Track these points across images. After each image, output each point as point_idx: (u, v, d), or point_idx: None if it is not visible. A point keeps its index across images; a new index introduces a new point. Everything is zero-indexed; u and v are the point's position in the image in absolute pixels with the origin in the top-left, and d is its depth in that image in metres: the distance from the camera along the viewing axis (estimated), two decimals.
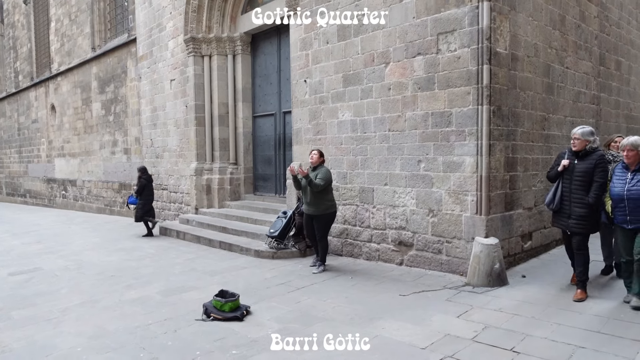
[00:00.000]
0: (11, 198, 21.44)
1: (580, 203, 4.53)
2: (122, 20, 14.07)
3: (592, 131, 4.57)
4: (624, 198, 4.16)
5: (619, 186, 4.22)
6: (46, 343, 4.10)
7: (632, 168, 4.18)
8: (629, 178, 4.19)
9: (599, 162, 4.48)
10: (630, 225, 4.20)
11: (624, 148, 4.17)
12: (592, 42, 7.52)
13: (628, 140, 4.17)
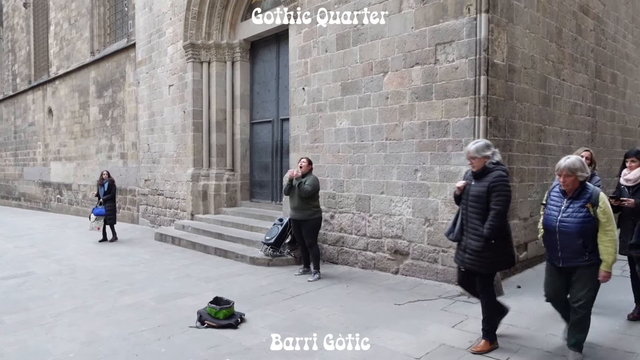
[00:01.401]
0: (5, 201, 21.31)
1: (475, 234, 3.64)
2: (121, 25, 14.11)
3: (487, 144, 3.71)
4: (556, 230, 3.36)
5: (552, 215, 3.41)
6: (38, 348, 4.06)
7: (570, 195, 3.35)
8: (564, 206, 3.36)
9: (493, 184, 3.57)
10: (561, 263, 3.39)
11: (559, 172, 3.30)
12: (589, 55, 7.60)
13: (565, 163, 3.29)
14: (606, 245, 3.25)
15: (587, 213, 3.26)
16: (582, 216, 3.27)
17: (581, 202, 3.29)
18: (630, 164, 4.28)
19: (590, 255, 3.28)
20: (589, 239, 3.27)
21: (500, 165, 3.70)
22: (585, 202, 3.28)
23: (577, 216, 3.28)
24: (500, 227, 3.56)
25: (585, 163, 3.32)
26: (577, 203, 3.31)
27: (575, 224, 3.28)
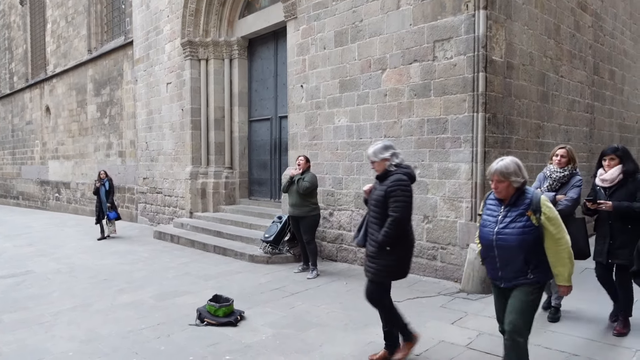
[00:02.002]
0: (3, 200, 21.26)
1: (372, 240, 3.45)
2: (119, 23, 14.05)
3: (385, 146, 3.46)
4: (493, 245, 2.82)
5: (489, 226, 2.86)
6: (37, 347, 4.06)
7: (507, 202, 2.83)
8: (501, 215, 2.82)
9: (390, 188, 3.33)
10: (503, 284, 2.86)
11: (490, 176, 2.82)
12: (587, 51, 7.60)
13: (496, 166, 2.79)
14: (559, 257, 2.69)
15: (527, 222, 2.72)
16: (522, 226, 2.73)
17: (520, 209, 2.76)
18: (609, 162, 3.92)
19: (534, 272, 2.74)
20: (531, 253, 2.73)
21: (402, 167, 3.45)
22: (524, 210, 2.75)
23: (515, 226, 2.74)
24: (395, 234, 3.32)
25: (521, 167, 2.79)
26: (516, 211, 2.77)
27: (514, 235, 2.73)
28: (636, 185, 3.79)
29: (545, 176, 4.31)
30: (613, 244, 3.88)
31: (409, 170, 3.49)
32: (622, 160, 3.86)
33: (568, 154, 4.24)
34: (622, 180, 3.84)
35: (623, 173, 3.83)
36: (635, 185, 3.79)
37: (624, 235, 3.81)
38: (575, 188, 4.15)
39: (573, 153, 4.28)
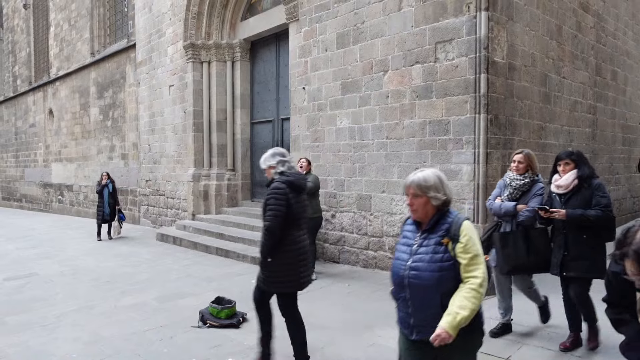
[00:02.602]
0: (7, 202, 21.34)
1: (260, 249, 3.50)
2: (121, 26, 14.11)
3: (273, 153, 3.42)
4: (405, 283, 2.14)
5: (401, 259, 2.20)
6: (41, 349, 4.07)
7: (424, 227, 2.20)
8: (416, 245, 2.17)
9: (266, 197, 3.33)
10: (414, 334, 2.16)
11: (406, 190, 2.23)
12: (589, 52, 7.59)
13: (413, 177, 2.22)
14: (461, 296, 2.03)
15: (445, 254, 2.10)
16: (440, 259, 2.09)
17: (437, 236, 2.14)
18: (564, 167, 3.61)
19: None
20: (449, 294, 2.06)
21: (286, 175, 3.34)
22: (442, 237, 2.13)
23: (432, 259, 2.10)
24: (269, 244, 3.27)
25: (444, 182, 2.20)
26: (433, 238, 2.15)
27: (428, 271, 2.08)
28: (592, 192, 3.49)
29: (505, 184, 3.98)
30: (567, 255, 3.55)
31: (291, 178, 3.34)
32: (578, 164, 3.57)
33: (526, 159, 3.88)
34: (578, 186, 3.54)
35: (578, 178, 3.53)
36: (591, 192, 3.49)
37: (578, 246, 3.50)
38: (537, 197, 3.82)
39: (532, 158, 3.92)
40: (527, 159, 3.88)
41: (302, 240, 3.40)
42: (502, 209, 3.88)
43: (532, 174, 3.89)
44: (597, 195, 3.46)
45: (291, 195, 3.29)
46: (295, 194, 3.34)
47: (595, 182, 3.51)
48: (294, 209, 3.30)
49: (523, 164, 3.88)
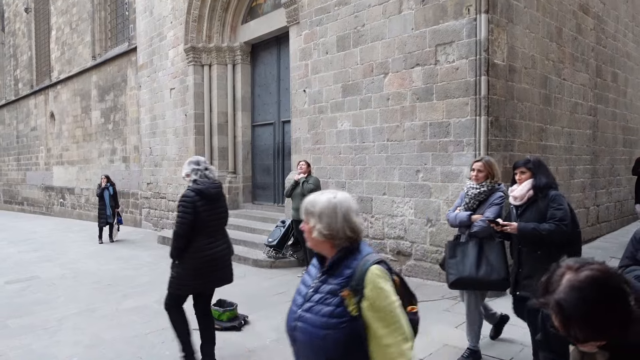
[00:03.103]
0: (8, 206, 21.37)
1: None
2: (122, 29, 14.16)
3: (190, 161, 3.54)
4: (293, 336, 1.73)
5: (296, 302, 1.75)
6: (43, 352, 4.08)
7: (324, 266, 1.68)
8: (312, 289, 1.69)
9: (177, 205, 3.51)
10: None
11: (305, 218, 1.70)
12: (589, 54, 7.60)
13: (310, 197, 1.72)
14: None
15: (339, 308, 1.56)
16: (328, 313, 1.58)
17: (336, 282, 1.61)
18: (520, 175, 3.30)
19: None
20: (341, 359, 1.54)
21: (196, 184, 3.44)
22: (342, 285, 1.58)
23: (319, 312, 1.60)
24: (176, 247, 3.43)
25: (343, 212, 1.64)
26: (331, 284, 1.62)
27: (314, 327, 1.60)
28: (547, 204, 3.14)
29: (464, 193, 3.75)
30: (521, 273, 3.24)
31: (200, 186, 3.44)
32: (534, 173, 3.23)
33: (485, 167, 3.60)
34: (533, 197, 3.21)
35: (533, 188, 3.20)
36: (546, 204, 3.14)
37: (532, 263, 3.17)
38: (494, 206, 3.51)
39: (492, 165, 3.63)
40: (486, 166, 3.61)
41: (211, 248, 3.47)
42: (457, 219, 3.65)
43: (492, 183, 3.60)
44: (552, 208, 3.10)
45: (199, 203, 3.39)
46: (206, 201, 3.43)
47: (551, 194, 3.15)
48: (202, 217, 3.40)
49: (482, 172, 3.60)
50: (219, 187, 3.59)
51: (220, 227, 3.61)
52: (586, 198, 7.67)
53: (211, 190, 3.48)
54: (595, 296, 1.11)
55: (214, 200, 3.50)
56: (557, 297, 1.14)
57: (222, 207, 3.62)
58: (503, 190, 3.59)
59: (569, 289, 1.12)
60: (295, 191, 6.35)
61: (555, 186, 3.24)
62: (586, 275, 1.13)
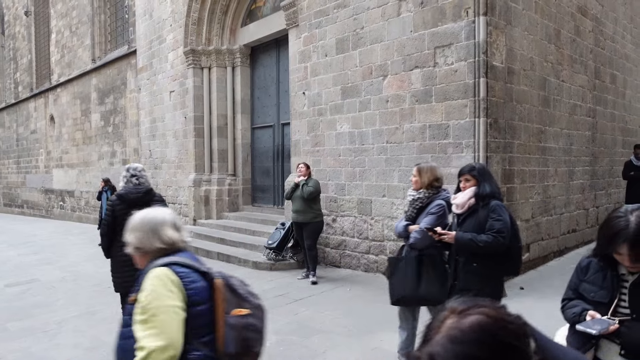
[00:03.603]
0: (8, 209, 21.37)
1: None
2: (122, 32, 14.19)
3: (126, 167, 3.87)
4: None
5: None
6: (42, 355, 4.08)
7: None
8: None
9: None
10: None
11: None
12: (588, 55, 7.62)
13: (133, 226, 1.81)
14: None
15: (128, 316, 1.67)
16: (125, 322, 1.71)
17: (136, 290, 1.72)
18: (464, 183, 3.07)
19: None
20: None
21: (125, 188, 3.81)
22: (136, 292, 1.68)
23: (124, 322, 1.72)
24: (103, 247, 3.91)
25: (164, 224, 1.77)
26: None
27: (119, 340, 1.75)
28: (487, 213, 2.92)
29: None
30: (456, 286, 3.04)
31: (122, 191, 3.79)
32: (479, 181, 3.01)
33: (418, 173, 3.44)
34: (474, 206, 2.99)
35: (475, 197, 2.99)
36: (486, 213, 2.92)
37: (468, 276, 2.97)
38: (429, 216, 3.29)
39: (427, 172, 3.43)
40: (420, 173, 3.43)
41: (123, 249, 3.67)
42: (396, 229, 3.49)
43: (431, 190, 3.38)
44: (491, 219, 2.89)
45: (119, 207, 3.68)
46: (126, 205, 3.60)
47: (492, 203, 2.93)
48: (120, 220, 3.49)
49: (416, 178, 3.45)
50: (140, 193, 3.77)
51: None
52: (585, 199, 7.68)
53: (131, 195, 3.73)
54: (476, 352, 0.81)
55: (134, 205, 3.55)
56: (431, 349, 0.84)
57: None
58: (445, 198, 3.35)
59: (446, 339, 0.84)
60: (295, 194, 6.36)
61: (499, 196, 3.02)
62: (471, 322, 0.84)
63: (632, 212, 1.71)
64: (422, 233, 3.20)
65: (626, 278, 1.82)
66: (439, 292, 3.15)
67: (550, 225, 6.64)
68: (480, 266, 2.93)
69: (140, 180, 3.81)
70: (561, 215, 6.95)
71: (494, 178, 3.15)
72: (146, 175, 3.90)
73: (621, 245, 1.68)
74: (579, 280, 1.99)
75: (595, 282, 1.90)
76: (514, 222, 2.99)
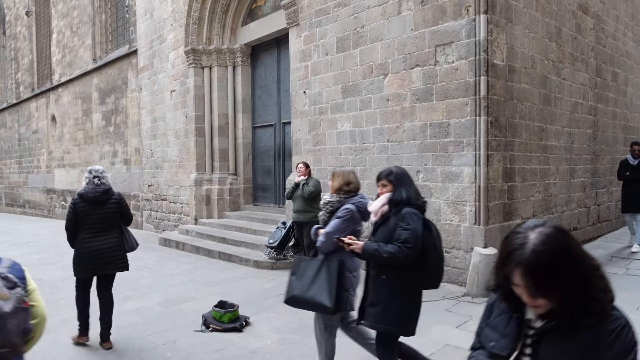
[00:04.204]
0: (10, 209, 21.41)
1: None
2: (123, 32, 14.20)
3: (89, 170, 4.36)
4: None
5: None
6: (45, 354, 4.09)
7: None
8: None
9: None
10: None
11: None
12: (589, 53, 7.60)
13: None
14: None
15: None
16: None
17: None
18: (381, 188, 2.90)
19: None
20: None
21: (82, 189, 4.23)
22: None
23: None
24: (67, 239, 4.28)
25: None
26: None
27: None
28: (397, 222, 2.72)
29: None
30: (366, 299, 2.87)
31: (82, 191, 4.21)
32: (395, 186, 2.84)
33: (332, 178, 3.30)
34: (387, 214, 2.82)
35: (388, 203, 2.81)
36: (396, 222, 2.73)
37: (377, 288, 2.80)
38: (335, 220, 3.12)
39: (339, 176, 3.27)
40: (331, 177, 3.32)
41: (91, 241, 4.17)
42: (311, 232, 3.37)
43: (341, 194, 3.21)
44: (399, 227, 2.69)
45: (79, 205, 4.15)
46: (85, 204, 4.16)
47: (403, 211, 2.72)
48: (81, 216, 4.15)
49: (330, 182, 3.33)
50: (98, 193, 4.20)
51: (105, 225, 4.23)
52: (587, 197, 7.67)
53: (89, 194, 4.17)
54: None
55: (93, 204, 4.17)
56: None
57: (106, 209, 4.23)
58: (356, 202, 3.18)
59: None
60: (295, 193, 6.37)
61: (415, 203, 2.78)
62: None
63: (534, 228, 1.20)
64: (327, 237, 3.07)
65: (533, 324, 1.29)
66: (326, 299, 2.97)
67: None
68: (388, 278, 2.73)
69: (101, 181, 4.25)
70: (562, 213, 6.94)
71: (414, 183, 2.92)
72: (107, 177, 4.36)
73: (514, 270, 1.18)
74: (484, 323, 1.47)
75: (497, 327, 1.37)
76: (430, 229, 2.77)
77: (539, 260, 1.14)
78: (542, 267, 1.14)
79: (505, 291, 1.29)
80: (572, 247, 1.18)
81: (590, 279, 1.18)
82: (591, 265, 1.20)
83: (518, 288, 1.21)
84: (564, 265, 1.15)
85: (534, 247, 1.16)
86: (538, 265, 1.14)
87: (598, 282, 1.19)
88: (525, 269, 1.16)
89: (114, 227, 4.30)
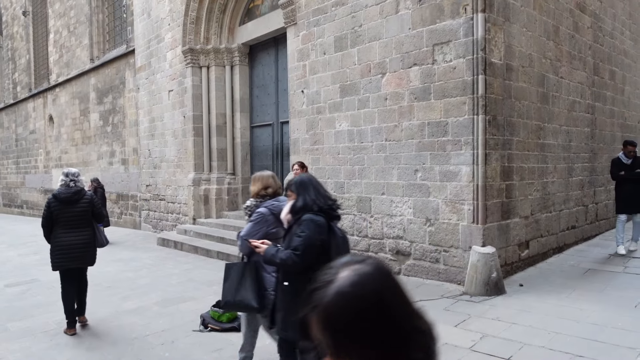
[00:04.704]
0: (8, 209, 21.36)
1: None
2: (120, 32, 14.16)
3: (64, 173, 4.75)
4: None
5: None
6: (43, 355, 4.08)
7: None
8: None
9: None
10: None
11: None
12: (586, 52, 7.61)
13: None
14: None
15: None
16: None
17: None
18: (290, 198, 2.88)
19: None
20: None
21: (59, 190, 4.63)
22: None
23: None
24: (44, 235, 4.78)
25: None
26: None
27: None
28: (295, 230, 2.71)
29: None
30: (275, 306, 2.86)
31: (56, 192, 4.61)
32: (298, 194, 2.80)
33: (252, 182, 3.38)
34: (292, 221, 2.81)
35: (290, 212, 2.82)
36: (295, 230, 2.72)
37: (282, 295, 2.79)
38: (249, 223, 3.21)
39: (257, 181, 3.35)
40: (252, 181, 3.38)
41: (62, 237, 4.61)
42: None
43: (258, 198, 3.30)
44: (294, 234, 2.69)
45: (53, 204, 4.58)
46: (59, 203, 4.58)
47: (303, 217, 2.70)
48: (55, 214, 4.58)
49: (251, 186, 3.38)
50: (70, 193, 4.61)
51: (77, 222, 4.64)
52: (585, 196, 7.68)
53: (62, 195, 4.58)
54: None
55: (67, 203, 4.58)
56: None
57: (78, 208, 4.63)
58: (269, 206, 3.23)
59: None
60: None
61: (318, 208, 2.70)
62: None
63: (349, 264, 0.88)
64: (241, 240, 3.18)
65: None
66: (252, 299, 3.14)
67: (549, 221, 6.64)
68: (290, 285, 2.70)
69: (76, 183, 4.66)
70: (560, 211, 6.95)
71: (314, 189, 2.79)
72: (81, 179, 4.78)
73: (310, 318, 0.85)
74: None
75: None
76: (337, 234, 2.74)
77: (342, 307, 0.82)
78: (345, 316, 0.82)
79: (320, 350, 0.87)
80: (391, 293, 0.86)
81: (407, 336, 0.86)
82: (410, 317, 0.89)
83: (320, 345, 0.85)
84: (375, 316, 0.82)
85: (339, 289, 0.83)
86: (339, 313, 0.82)
87: (418, 339, 0.89)
88: (322, 316, 0.83)
89: (86, 224, 4.71)
